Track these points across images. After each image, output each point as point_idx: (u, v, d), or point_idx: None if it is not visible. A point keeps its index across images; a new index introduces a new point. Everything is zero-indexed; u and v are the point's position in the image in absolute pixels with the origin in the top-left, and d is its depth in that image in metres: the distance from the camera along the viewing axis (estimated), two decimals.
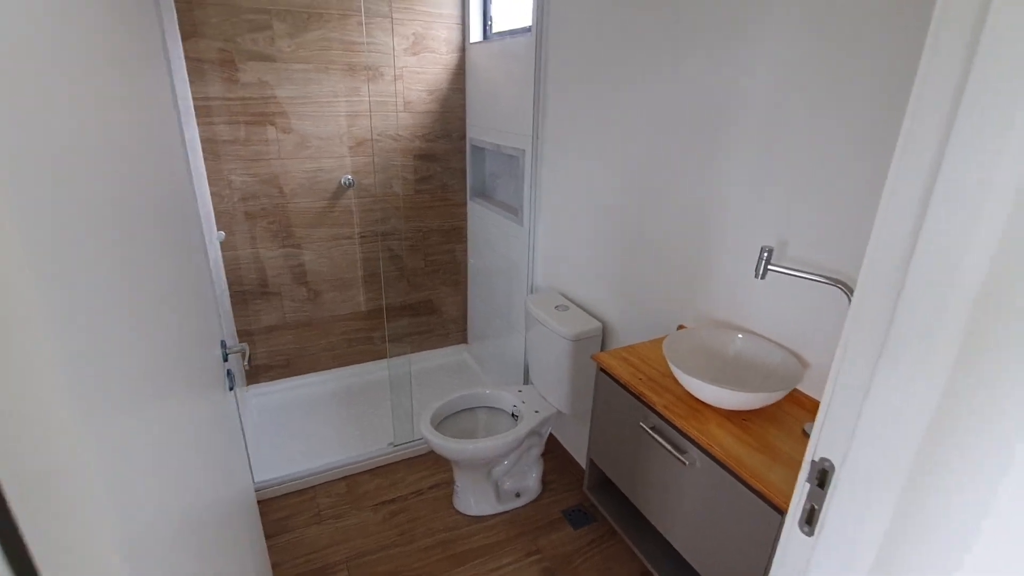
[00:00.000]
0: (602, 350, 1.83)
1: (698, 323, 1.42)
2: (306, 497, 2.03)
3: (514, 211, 2.29)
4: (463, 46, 2.50)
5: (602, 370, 1.33)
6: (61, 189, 0.40)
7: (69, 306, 0.41)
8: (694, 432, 1.06)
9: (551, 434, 2.32)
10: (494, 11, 2.39)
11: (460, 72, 2.53)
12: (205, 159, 2.20)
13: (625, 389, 1.26)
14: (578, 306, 1.91)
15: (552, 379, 1.89)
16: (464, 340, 3.08)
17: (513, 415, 2.00)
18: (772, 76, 1.11)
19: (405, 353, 2.77)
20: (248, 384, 2.60)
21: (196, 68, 2.08)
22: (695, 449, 1.07)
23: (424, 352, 2.98)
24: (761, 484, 0.93)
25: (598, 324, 1.76)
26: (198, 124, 2.14)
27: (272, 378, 2.64)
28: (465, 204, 2.78)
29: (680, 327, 1.47)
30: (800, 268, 1.06)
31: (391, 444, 2.21)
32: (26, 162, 0.34)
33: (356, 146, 2.44)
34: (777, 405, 1.14)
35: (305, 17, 2.18)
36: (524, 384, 2.12)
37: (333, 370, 2.76)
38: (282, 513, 1.95)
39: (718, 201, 1.29)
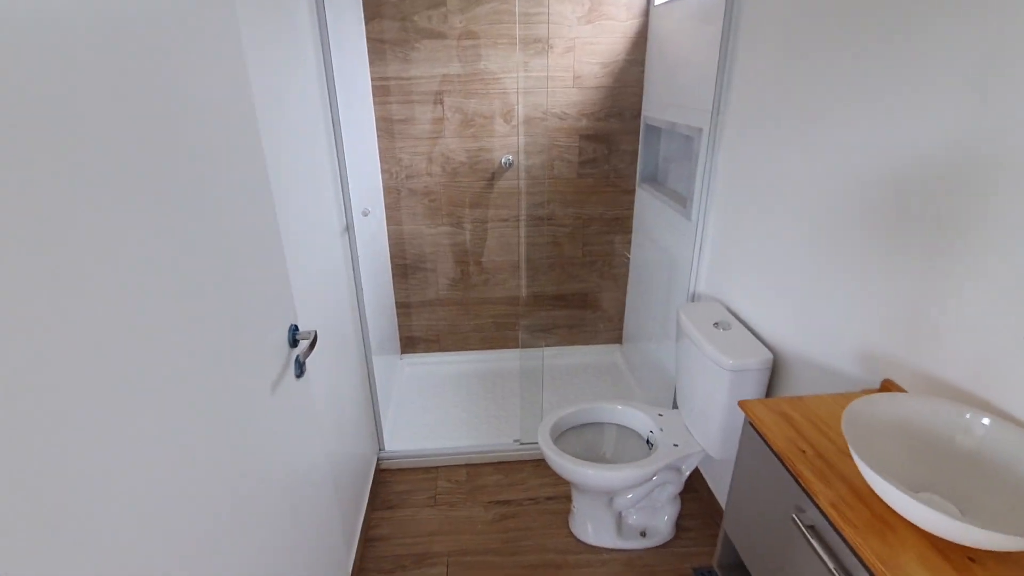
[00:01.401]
0: (769, 390, 1.43)
1: (916, 383, 0.97)
2: (428, 476, 2.04)
3: (682, 201, 1.94)
4: (647, 9, 2.18)
5: (751, 423, 0.99)
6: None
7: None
8: (873, 559, 0.69)
9: (698, 470, 1.95)
10: None
11: (641, 40, 2.22)
12: (379, 137, 2.31)
13: (779, 459, 0.91)
14: (744, 325, 1.52)
15: (700, 411, 1.55)
16: (618, 340, 2.82)
17: (648, 442, 1.71)
18: None
19: (540, 346, 2.61)
20: (403, 353, 2.74)
21: (377, 49, 2.16)
22: None
23: (573, 347, 2.80)
24: None
25: (768, 355, 1.37)
26: (375, 104, 2.25)
27: (423, 351, 2.75)
28: (633, 191, 2.48)
29: (886, 383, 1.02)
30: None
31: (517, 441, 2.10)
32: None
33: (519, 124, 2.33)
34: None
35: None
36: (671, 408, 1.80)
37: (479, 351, 2.76)
38: (404, 486, 1.99)
39: (975, 196, 0.83)
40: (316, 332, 0.91)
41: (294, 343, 0.89)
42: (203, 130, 0.67)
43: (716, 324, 1.52)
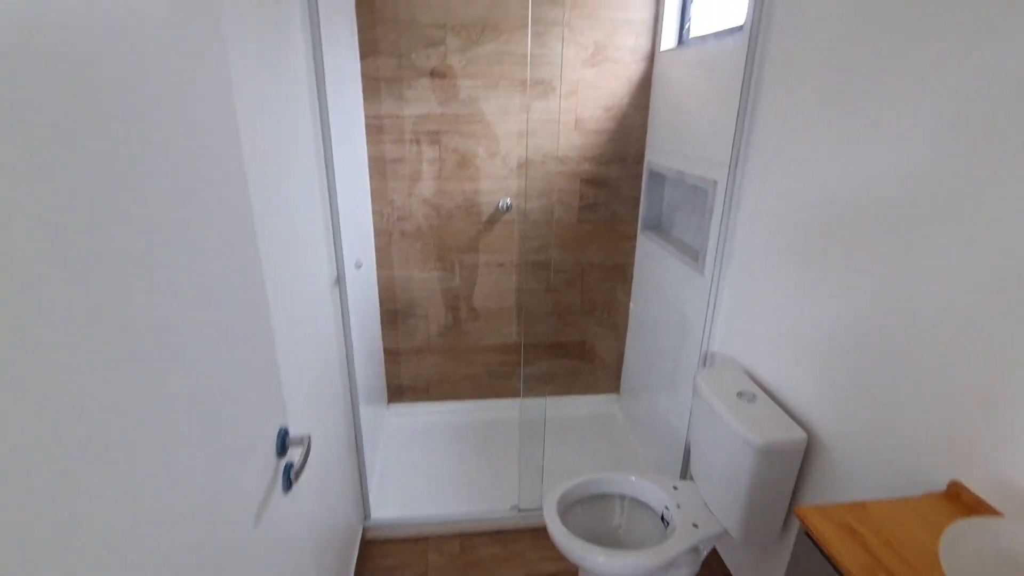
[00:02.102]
0: (801, 474, 1.31)
1: (993, 489, 0.86)
2: (418, 548, 1.85)
3: (693, 255, 1.85)
4: (652, 54, 2.13)
5: (808, 535, 0.87)
6: None
7: None
8: None
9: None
10: (694, 10, 1.98)
11: (645, 85, 2.17)
12: (371, 178, 2.18)
13: None
14: (771, 397, 1.41)
15: (722, 489, 1.42)
16: (616, 390, 2.69)
17: (663, 518, 1.57)
18: None
19: (540, 396, 2.45)
20: (389, 403, 2.56)
21: (372, 87, 2.06)
22: None
23: (568, 397, 2.67)
24: None
25: (800, 435, 1.25)
26: (368, 142, 2.13)
27: (412, 400, 2.58)
28: (634, 238, 2.39)
29: (953, 486, 0.91)
30: None
31: (515, 508, 1.94)
32: None
33: (518, 167, 2.23)
34: None
35: (479, 30, 2.02)
36: (681, 479, 1.67)
37: (471, 401, 2.60)
38: (392, 560, 1.81)
39: None
40: (310, 437, 0.76)
41: (283, 450, 0.74)
42: (177, 187, 0.53)
43: (740, 394, 1.41)
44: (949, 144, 0.90)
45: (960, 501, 0.89)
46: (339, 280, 1.52)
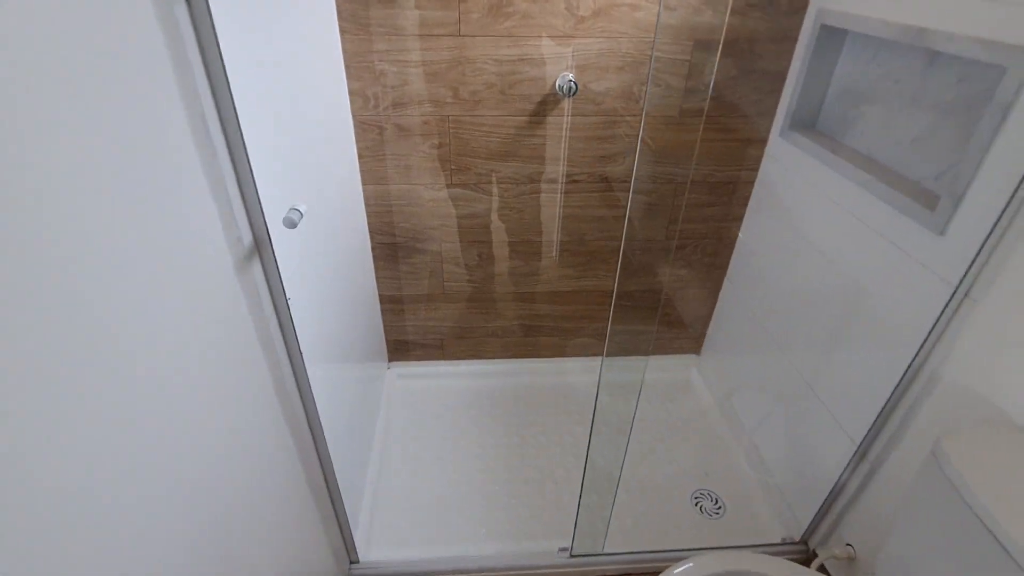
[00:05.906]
0: None
1: None
2: None
3: (918, 194, 1.02)
4: None
5: None
6: None
7: None
8: None
9: None
10: None
11: None
12: (342, 34, 1.31)
13: None
14: None
15: None
16: (695, 350, 2.00)
17: None
18: None
19: (608, 356, 1.77)
20: (390, 361, 1.93)
21: None
22: None
23: (633, 358, 1.99)
24: None
25: None
26: None
27: (420, 358, 1.93)
28: (764, 142, 1.53)
29: None
30: None
31: (564, 551, 1.35)
32: None
33: (588, 20, 1.32)
34: None
35: None
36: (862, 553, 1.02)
37: (500, 361, 1.95)
38: None
39: None
40: None
41: None
42: None
43: None
44: None
45: None
46: (258, 246, 0.77)
